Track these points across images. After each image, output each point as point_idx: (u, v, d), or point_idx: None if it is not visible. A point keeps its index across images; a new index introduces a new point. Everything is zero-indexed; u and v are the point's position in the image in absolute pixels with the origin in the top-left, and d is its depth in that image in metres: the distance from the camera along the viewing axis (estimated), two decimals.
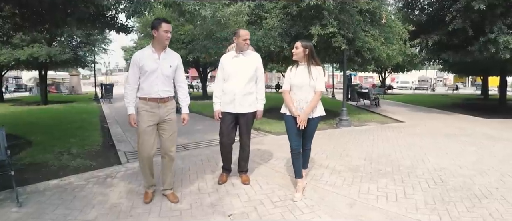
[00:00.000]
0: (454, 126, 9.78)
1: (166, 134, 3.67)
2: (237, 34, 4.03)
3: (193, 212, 3.50)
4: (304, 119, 3.62)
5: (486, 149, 6.49)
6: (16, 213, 3.49)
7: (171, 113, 3.67)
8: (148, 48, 3.63)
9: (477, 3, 10.43)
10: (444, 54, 14.12)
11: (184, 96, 3.80)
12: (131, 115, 3.61)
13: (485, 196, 3.92)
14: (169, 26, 3.52)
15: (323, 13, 7.86)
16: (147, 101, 3.55)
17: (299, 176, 3.95)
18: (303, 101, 3.73)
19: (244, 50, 4.03)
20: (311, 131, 3.89)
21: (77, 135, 7.93)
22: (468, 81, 60.88)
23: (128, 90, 3.60)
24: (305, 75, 3.72)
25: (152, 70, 3.51)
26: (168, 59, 3.61)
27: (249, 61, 4.06)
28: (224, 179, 4.34)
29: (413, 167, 5.14)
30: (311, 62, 3.75)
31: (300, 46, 3.76)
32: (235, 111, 4.03)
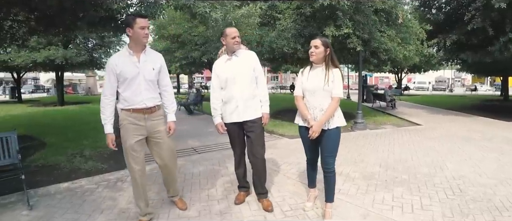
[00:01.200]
0: (473, 130, 9.48)
1: (159, 148, 3.30)
2: (224, 34, 3.55)
3: (201, 219, 3.47)
4: (317, 130, 3.14)
5: (507, 156, 6.20)
6: (26, 216, 3.57)
7: (161, 123, 3.26)
8: (125, 51, 3.13)
9: (498, 1, 10.05)
10: (462, 54, 13.80)
11: (170, 102, 3.34)
12: (108, 136, 3.10)
13: (507, 208, 3.72)
14: (145, 21, 3.03)
15: (337, 13, 7.69)
16: (131, 113, 3.10)
17: (313, 185, 3.73)
18: (317, 108, 3.25)
19: (235, 50, 3.53)
20: (330, 145, 3.28)
21: (91, 136, 7.98)
22: (487, 81, 59.63)
23: (104, 103, 3.09)
24: (320, 78, 3.22)
25: (133, 76, 3.03)
26: (149, 61, 3.12)
27: (244, 61, 3.56)
28: (241, 199, 3.87)
29: (430, 175, 4.94)
30: (329, 63, 3.25)
31: (321, 44, 3.22)
32: (240, 120, 3.55)
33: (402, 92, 30.35)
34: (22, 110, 16.02)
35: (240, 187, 3.96)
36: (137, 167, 3.18)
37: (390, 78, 46.06)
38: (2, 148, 4.10)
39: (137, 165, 3.17)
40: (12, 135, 4.20)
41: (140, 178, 3.23)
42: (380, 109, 15.84)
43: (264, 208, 3.64)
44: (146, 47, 3.13)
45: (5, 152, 4.12)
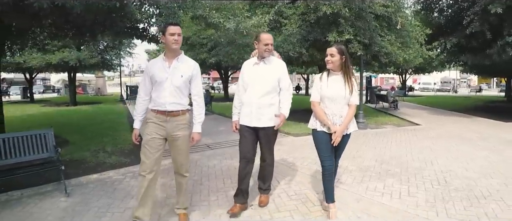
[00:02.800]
0: (472, 130, 9.94)
1: (175, 151, 3.31)
2: (258, 38, 3.56)
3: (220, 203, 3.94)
4: (340, 136, 3.21)
5: (497, 154, 6.67)
6: (65, 202, 3.99)
7: (182, 129, 3.24)
8: (160, 57, 3.30)
9: (494, 6, 10.54)
10: (463, 56, 14.26)
11: (198, 112, 3.33)
12: (134, 130, 3.31)
13: (485, 197, 4.24)
14: (176, 29, 3.11)
15: (339, 20, 8.23)
16: (156, 114, 3.21)
17: (332, 200, 3.51)
18: (336, 115, 3.29)
19: (265, 57, 3.55)
20: (343, 147, 3.50)
21: (109, 134, 8.49)
22: (493, 82, 59.46)
23: (138, 101, 3.32)
24: (340, 86, 3.27)
25: (161, 80, 3.15)
26: (180, 68, 3.20)
27: (270, 69, 3.55)
28: (235, 210, 3.58)
29: (420, 169, 5.48)
30: (347, 71, 3.31)
31: (337, 53, 3.25)
32: (252, 125, 3.54)
33: (406, 93, 30.73)
34: (37, 110, 16.55)
35: (236, 196, 3.70)
36: (147, 161, 3.16)
37: (395, 79, 46.35)
38: (41, 143, 4.60)
39: (148, 159, 3.16)
40: (49, 132, 4.71)
41: (147, 174, 3.17)
42: (382, 110, 16.28)
43: (258, 203, 3.82)
44: (181, 54, 3.23)
45: (43, 146, 4.62)
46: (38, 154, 4.58)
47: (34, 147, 4.56)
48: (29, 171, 4.33)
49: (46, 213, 3.68)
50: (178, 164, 3.37)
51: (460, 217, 3.62)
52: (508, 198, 4.18)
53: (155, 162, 3.20)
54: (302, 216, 3.60)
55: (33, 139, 4.57)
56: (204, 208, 3.81)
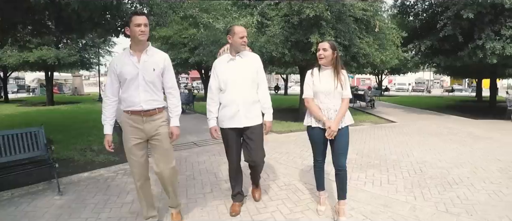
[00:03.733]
0: (443, 127, 10.54)
1: (157, 151, 3.09)
2: (232, 31, 3.28)
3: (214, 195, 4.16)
4: (335, 129, 3.17)
5: (467, 147, 7.24)
6: (60, 200, 3.98)
7: (161, 127, 3.04)
8: (126, 51, 3.01)
9: (466, 12, 11.27)
10: (436, 58, 14.97)
11: (174, 105, 3.11)
12: (105, 136, 3.01)
13: (456, 183, 4.68)
14: (142, 18, 2.82)
15: (321, 23, 8.60)
16: (130, 115, 2.96)
17: (323, 188, 3.63)
18: (331, 109, 3.27)
19: (241, 50, 3.31)
20: (343, 143, 3.32)
21: (94, 133, 8.48)
22: (465, 83, 61.71)
23: (105, 103, 3.01)
24: (332, 80, 3.25)
25: (132, 77, 2.89)
26: (151, 62, 2.94)
27: (248, 63, 3.34)
28: (237, 210, 3.59)
29: (398, 160, 5.91)
30: (337, 65, 3.27)
31: (329, 47, 3.23)
32: (240, 126, 3.32)
33: (382, 93, 31.65)
34: (14, 110, 16.17)
35: (234, 196, 3.67)
36: (137, 171, 3.06)
37: (371, 80, 47.57)
38: (31, 141, 4.55)
39: (136, 168, 3.05)
40: (40, 130, 4.67)
41: (139, 182, 3.11)
42: (360, 109, 16.87)
43: (253, 195, 3.87)
44: (148, 46, 2.96)
45: (34, 145, 4.58)
46: (29, 153, 4.54)
47: (25, 146, 4.51)
48: (20, 170, 4.27)
49: (42, 212, 3.65)
50: (160, 166, 3.11)
51: (435, 200, 4.01)
52: (476, 184, 4.64)
53: (144, 167, 3.09)
54: (293, 203, 3.89)
55: (24, 138, 4.53)
56: (200, 200, 4.00)
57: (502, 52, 11.70)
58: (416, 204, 3.87)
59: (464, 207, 3.81)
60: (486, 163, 5.81)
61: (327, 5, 8.46)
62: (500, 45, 11.72)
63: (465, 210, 3.74)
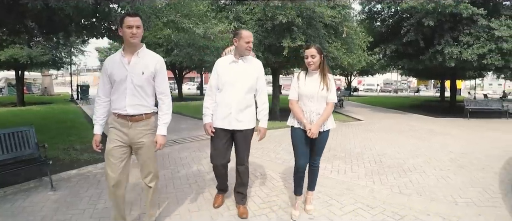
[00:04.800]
0: (406, 124, 11.42)
1: (141, 159, 3.01)
2: (239, 35, 3.29)
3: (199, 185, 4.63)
4: (316, 132, 3.21)
5: (425, 141, 8.05)
6: (54, 195, 4.09)
7: (147, 135, 2.93)
8: (118, 52, 2.90)
9: (427, 20, 12.30)
10: (400, 61, 16.05)
11: (163, 112, 2.97)
12: (94, 135, 2.94)
13: (410, 170, 5.39)
14: (134, 20, 2.74)
15: (293, 28, 9.21)
16: (117, 117, 2.88)
17: (301, 193, 3.64)
18: (314, 112, 3.30)
19: (245, 55, 3.33)
20: (321, 145, 3.45)
21: (74, 133, 8.58)
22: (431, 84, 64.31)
23: (97, 103, 2.95)
24: (317, 85, 3.28)
25: (121, 79, 2.81)
26: (141, 64, 2.83)
27: (249, 68, 3.36)
28: (219, 201, 3.77)
29: (361, 153, 6.60)
30: (324, 69, 3.31)
31: (317, 53, 3.25)
32: (230, 128, 3.36)
33: (351, 93, 32.82)
34: None
35: (219, 190, 3.83)
36: (112, 175, 2.88)
37: (341, 81, 48.94)
38: (22, 140, 4.61)
39: (113, 173, 2.88)
40: (31, 129, 4.74)
41: (114, 188, 2.92)
42: None
43: (239, 215, 3.54)
44: (141, 48, 2.86)
45: (25, 144, 4.63)
46: (20, 152, 4.59)
47: (16, 145, 4.56)
48: (13, 168, 4.31)
49: (39, 206, 3.75)
50: (144, 173, 3.06)
51: (391, 184, 4.69)
52: (428, 171, 5.38)
53: (122, 172, 2.91)
54: (269, 189, 4.45)
55: (15, 137, 4.57)
56: (186, 189, 4.41)
57: (460, 57, 12.81)
58: (374, 188, 4.53)
59: (415, 189, 4.50)
60: (439, 154, 6.59)
61: (299, 12, 9.07)
62: (458, 50, 12.83)
63: (416, 191, 4.42)
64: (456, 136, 9.04)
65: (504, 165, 5.84)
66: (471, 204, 4.02)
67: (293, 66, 16.54)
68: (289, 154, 6.35)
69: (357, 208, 3.81)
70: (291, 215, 3.55)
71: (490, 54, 12.63)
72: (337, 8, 10.41)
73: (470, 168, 5.58)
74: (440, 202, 4.07)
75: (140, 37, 2.79)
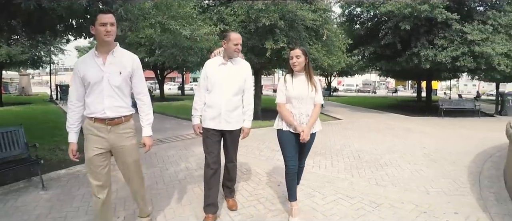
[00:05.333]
0: (383, 123, 11.92)
1: (122, 165, 2.88)
2: (227, 37, 3.33)
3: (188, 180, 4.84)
4: (308, 134, 3.22)
5: (401, 138, 8.52)
6: (46, 195, 4.11)
7: (127, 138, 2.81)
8: (91, 52, 2.73)
9: (404, 24, 12.89)
10: (378, 62, 16.63)
11: (145, 113, 2.88)
12: (70, 144, 2.77)
13: (387, 164, 5.78)
14: (107, 17, 2.60)
15: (275, 30, 9.51)
16: (93, 122, 2.71)
17: (295, 198, 3.51)
18: (303, 114, 3.31)
19: (234, 57, 3.38)
20: (309, 147, 3.52)
21: (58, 134, 8.50)
22: (409, 85, 65.99)
23: (69, 109, 2.76)
24: (305, 86, 3.29)
25: (96, 81, 2.65)
26: (117, 64, 2.70)
27: (238, 70, 3.42)
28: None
29: (340, 150, 6.98)
30: (309, 70, 3.36)
31: (301, 53, 3.28)
32: (219, 128, 3.40)
33: (331, 93, 33.45)
34: None
35: (208, 206, 3.46)
36: (96, 183, 2.78)
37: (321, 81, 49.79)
38: (12, 140, 4.59)
39: (97, 180, 2.78)
40: (20, 129, 4.72)
41: (100, 195, 2.82)
42: None
43: (229, 207, 3.72)
44: (115, 47, 2.73)
45: (15, 144, 4.61)
46: (9, 152, 4.57)
47: (5, 145, 4.54)
48: (4, 168, 4.30)
49: (32, 206, 3.77)
50: (127, 178, 2.96)
51: (368, 177, 5.06)
52: (403, 165, 5.78)
53: (105, 179, 2.81)
54: (255, 183, 4.72)
55: (4, 137, 4.55)
56: (177, 185, 4.61)
57: (434, 59, 13.45)
58: (353, 180, 4.87)
59: (391, 181, 4.87)
60: (414, 150, 7.03)
61: (281, 15, 9.37)
62: (433, 52, 13.47)
63: (391, 183, 4.80)
64: (431, 133, 9.55)
65: (474, 159, 6.31)
66: (441, 193, 4.40)
67: (274, 67, 16.92)
68: (272, 152, 6.67)
69: (337, 199, 4.12)
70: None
71: (463, 57, 13.32)
72: (318, 11, 10.77)
73: (442, 162, 6.00)
74: (413, 192, 4.43)
75: (114, 35, 2.66)
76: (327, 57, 11.47)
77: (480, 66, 13.73)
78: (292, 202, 3.49)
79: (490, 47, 12.87)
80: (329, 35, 11.26)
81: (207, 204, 3.45)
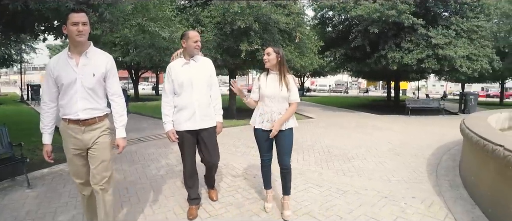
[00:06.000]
0: (353, 121, 12.56)
1: (94, 163, 2.77)
2: (186, 36, 3.37)
3: (167, 178, 5.13)
4: (277, 129, 3.36)
5: (368, 135, 9.09)
6: (32, 192, 4.19)
7: (101, 136, 2.76)
8: (64, 52, 2.66)
9: (373, 27, 13.58)
10: (349, 64, 17.35)
11: (118, 114, 2.82)
12: (44, 146, 2.75)
13: (354, 158, 6.29)
14: (80, 16, 2.53)
15: (250, 33, 9.91)
16: (67, 123, 2.68)
17: (270, 186, 3.78)
18: (275, 112, 3.42)
19: (195, 54, 3.39)
20: (286, 144, 3.51)
21: (34, 134, 8.18)
22: (380, 85, 67.92)
23: (43, 110, 2.73)
24: (277, 84, 3.39)
25: (69, 82, 2.60)
26: (91, 65, 2.64)
27: (202, 67, 3.44)
28: (194, 214, 3.60)
29: (312, 146, 7.45)
30: (283, 69, 3.42)
31: (272, 52, 3.40)
32: (196, 128, 3.41)
33: (304, 93, 34.22)
34: None
35: (191, 200, 3.67)
36: (79, 181, 2.83)
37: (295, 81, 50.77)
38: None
39: (79, 179, 2.82)
40: (4, 129, 4.79)
41: (85, 192, 2.89)
42: None
43: (210, 196, 4.02)
44: (89, 47, 2.66)
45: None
46: None
47: None
48: None
49: (20, 203, 3.84)
50: (97, 176, 2.79)
51: (336, 169, 5.53)
52: (368, 158, 6.32)
53: (87, 177, 2.83)
54: (233, 176, 5.08)
55: None
56: (159, 179, 4.87)
57: (401, 61, 14.24)
58: (323, 172, 5.33)
59: (356, 172, 5.36)
60: (379, 145, 7.59)
61: (256, 18, 9.77)
62: (400, 55, 14.26)
63: (357, 173, 5.29)
64: (397, 130, 10.22)
65: (434, 152, 6.92)
66: (402, 181, 4.91)
67: (249, 67, 17.31)
68: (247, 148, 7.07)
69: (308, 187, 4.55)
70: (265, 208, 3.74)
71: (427, 59, 14.22)
72: (292, 15, 11.25)
73: (405, 156, 6.57)
74: (376, 180, 4.92)
75: (86, 34, 2.59)
76: (299, 59, 11.97)
77: (444, 68, 14.62)
78: (267, 190, 3.78)
79: (453, 51, 13.77)
80: (302, 38, 11.76)
81: (190, 198, 3.67)
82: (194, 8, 11.49)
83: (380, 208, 3.87)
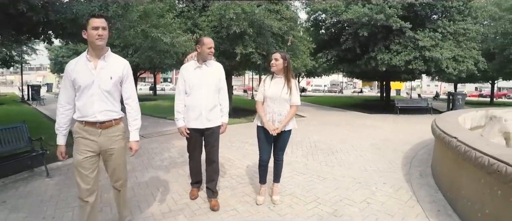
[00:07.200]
0: (343, 119, 13.28)
1: (111, 166, 2.92)
2: (201, 42, 3.62)
3: (170, 169, 5.78)
4: (277, 130, 3.62)
5: (355, 132, 9.78)
6: (52, 181, 4.61)
7: (117, 141, 2.87)
8: (83, 56, 2.76)
9: (362, 31, 14.27)
10: (340, 65, 18.05)
11: (133, 118, 2.94)
12: (58, 147, 2.82)
13: (337, 151, 6.98)
14: (100, 21, 2.65)
15: (245, 37, 10.58)
16: (84, 125, 2.75)
17: (264, 182, 4.07)
18: (275, 113, 3.69)
19: (207, 59, 3.68)
20: (284, 143, 3.88)
21: (43, 132, 8.51)
22: (375, 85, 68.60)
23: (59, 112, 2.79)
24: (280, 87, 3.63)
25: (87, 85, 2.69)
26: (108, 69, 2.75)
27: (213, 71, 3.72)
28: (195, 194, 4.18)
29: (301, 141, 8.14)
30: (288, 74, 3.66)
31: (280, 57, 3.63)
32: (202, 127, 3.71)
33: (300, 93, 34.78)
34: None
35: (193, 183, 4.23)
36: (85, 186, 2.78)
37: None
38: (16, 136, 5.10)
39: (85, 184, 2.78)
40: (24, 125, 5.23)
41: (88, 199, 2.81)
42: None
43: (211, 207, 3.85)
44: (107, 52, 2.78)
45: (20, 138, 5.12)
46: (15, 145, 5.04)
47: (11, 140, 4.99)
48: (11, 159, 4.78)
49: (42, 190, 4.24)
50: (114, 179, 3.00)
51: (320, 160, 6.21)
52: (351, 152, 6.98)
53: (94, 182, 2.82)
54: (227, 167, 5.73)
55: (10, 132, 5.01)
56: (164, 169, 5.48)
57: (390, 62, 14.92)
58: (308, 163, 6.01)
59: (338, 163, 6.04)
60: (363, 141, 8.26)
61: (250, 23, 10.43)
62: (388, 57, 14.96)
63: (338, 164, 5.96)
64: (384, 128, 10.92)
65: (412, 147, 7.58)
66: (377, 171, 5.59)
67: (244, 69, 17.95)
68: (241, 143, 7.73)
69: (293, 175, 5.23)
70: (256, 200, 4.04)
71: (415, 61, 14.90)
72: (284, 20, 11.91)
73: (385, 150, 7.25)
74: (354, 170, 5.60)
75: (106, 39, 2.71)
76: (292, 60, 12.61)
77: (430, 69, 15.32)
78: (261, 184, 4.11)
79: (439, 52, 14.47)
80: (294, 40, 12.42)
81: (193, 182, 4.25)
82: (191, 12, 12.10)
83: (353, 191, 4.54)
